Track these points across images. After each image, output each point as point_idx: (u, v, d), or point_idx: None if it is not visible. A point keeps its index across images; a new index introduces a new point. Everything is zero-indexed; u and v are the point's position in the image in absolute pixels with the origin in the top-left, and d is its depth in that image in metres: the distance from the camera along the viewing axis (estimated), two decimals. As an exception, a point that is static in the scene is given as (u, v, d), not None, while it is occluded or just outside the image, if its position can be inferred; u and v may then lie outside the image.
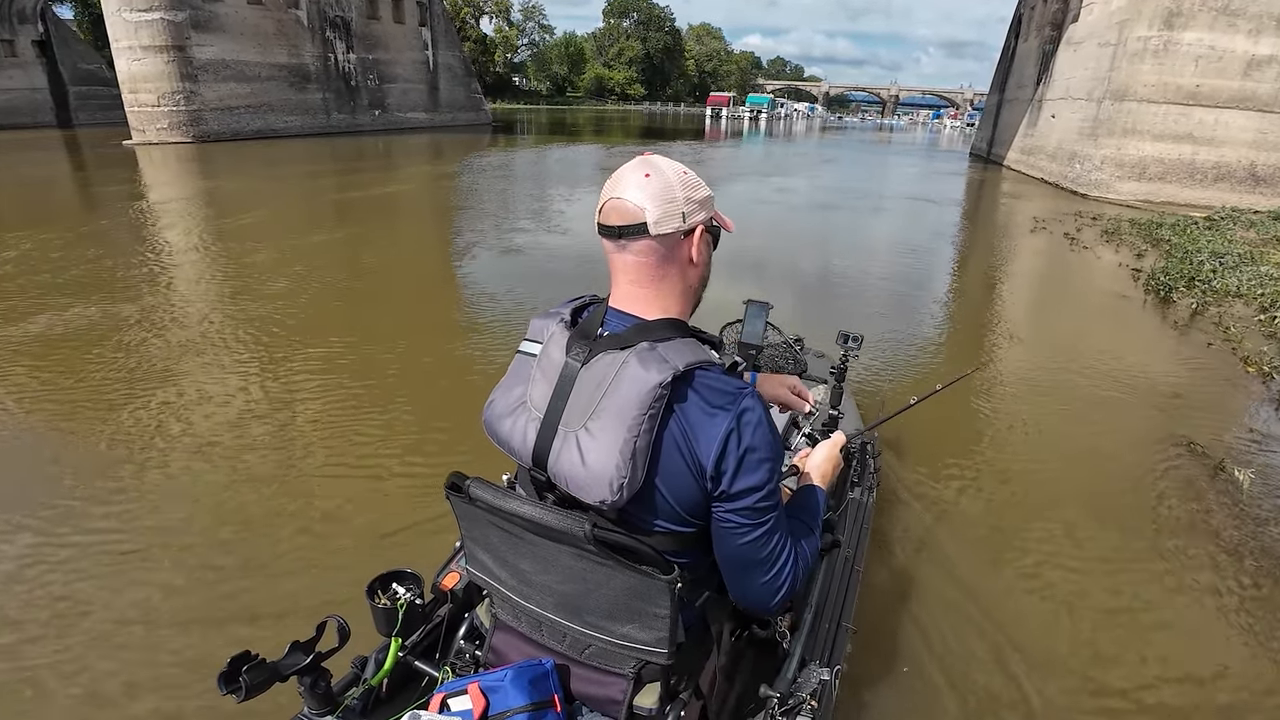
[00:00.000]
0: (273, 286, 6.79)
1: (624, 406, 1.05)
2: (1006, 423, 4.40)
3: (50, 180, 15.96)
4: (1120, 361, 5.46)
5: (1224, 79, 14.81)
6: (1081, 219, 12.78)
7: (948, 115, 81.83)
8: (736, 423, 1.07)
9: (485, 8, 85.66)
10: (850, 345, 2.72)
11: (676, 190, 1.12)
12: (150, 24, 23.04)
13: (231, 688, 1.16)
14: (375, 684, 1.41)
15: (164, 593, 2.64)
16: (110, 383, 4.51)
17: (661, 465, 1.07)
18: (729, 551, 1.15)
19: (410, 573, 1.49)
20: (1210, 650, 2.56)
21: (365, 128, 31.82)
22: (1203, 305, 6.96)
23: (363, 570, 1.57)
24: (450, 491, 1.23)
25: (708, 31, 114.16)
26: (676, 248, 1.15)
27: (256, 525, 3.08)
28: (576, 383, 1.11)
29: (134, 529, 3.01)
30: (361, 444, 3.81)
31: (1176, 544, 3.18)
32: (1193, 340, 6.09)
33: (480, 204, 13.30)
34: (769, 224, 11.90)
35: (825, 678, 1.49)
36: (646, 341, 1.09)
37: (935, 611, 2.66)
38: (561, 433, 1.11)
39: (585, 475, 1.07)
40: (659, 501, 1.10)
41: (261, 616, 2.51)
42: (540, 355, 1.18)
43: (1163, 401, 4.76)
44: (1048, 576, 2.93)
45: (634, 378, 1.05)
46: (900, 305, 7.13)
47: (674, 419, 1.07)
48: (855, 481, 2.56)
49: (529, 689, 1.19)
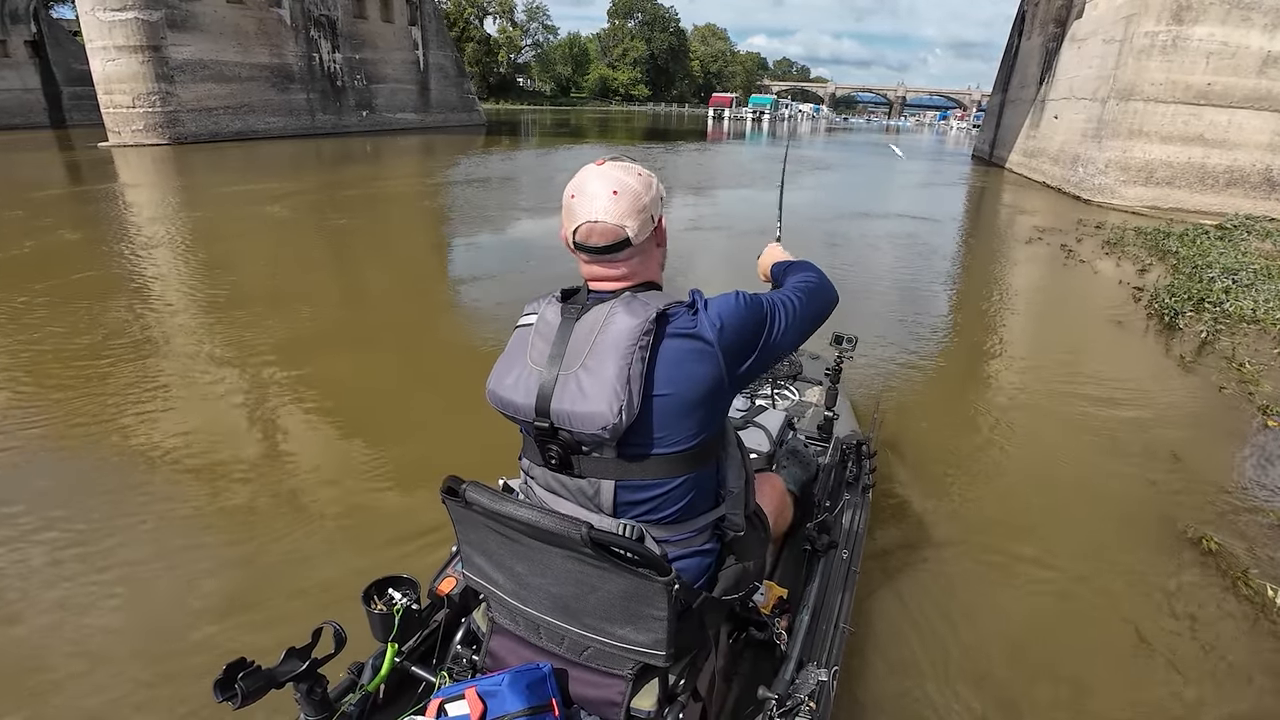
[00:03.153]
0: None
1: (616, 342, 1.16)
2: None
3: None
4: (1111, 412, 4.58)
5: (1238, 77, 13.82)
6: (1083, 228, 11.86)
7: (954, 116, 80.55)
8: (706, 312, 1.23)
9: (489, 8, 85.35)
10: (845, 346, 2.76)
11: (643, 197, 1.24)
12: (124, 24, 22.45)
13: (227, 695, 1.16)
14: (372, 690, 1.40)
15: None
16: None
17: (657, 388, 1.17)
18: (785, 341, 1.32)
19: (406, 578, 1.50)
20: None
21: (352, 129, 31.15)
22: (1213, 334, 6.05)
23: (358, 575, 1.58)
24: (446, 496, 1.24)
25: (713, 32, 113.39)
26: (649, 240, 1.28)
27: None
28: (572, 334, 1.21)
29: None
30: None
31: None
32: (1201, 381, 5.17)
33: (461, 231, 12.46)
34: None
35: (823, 679, 1.50)
36: (628, 293, 1.24)
37: (931, 612, 2.66)
38: (561, 377, 1.18)
39: (586, 406, 1.15)
40: (658, 425, 1.18)
41: (249, 615, 2.51)
42: (537, 320, 1.26)
43: (1161, 472, 3.86)
44: (1041, 582, 2.93)
45: (622, 319, 1.17)
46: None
47: (663, 350, 1.18)
48: (851, 483, 2.52)
49: (527, 693, 1.19)
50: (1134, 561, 3.08)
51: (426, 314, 6.66)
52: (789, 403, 3.21)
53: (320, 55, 29.51)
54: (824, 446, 2.74)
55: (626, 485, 1.23)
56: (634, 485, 1.23)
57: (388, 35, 33.16)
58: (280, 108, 27.91)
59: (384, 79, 33.18)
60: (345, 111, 31.19)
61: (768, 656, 1.62)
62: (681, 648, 1.22)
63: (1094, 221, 12.53)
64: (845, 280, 7.52)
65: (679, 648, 1.20)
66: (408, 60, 34.72)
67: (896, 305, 7.13)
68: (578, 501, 1.28)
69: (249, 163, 19.58)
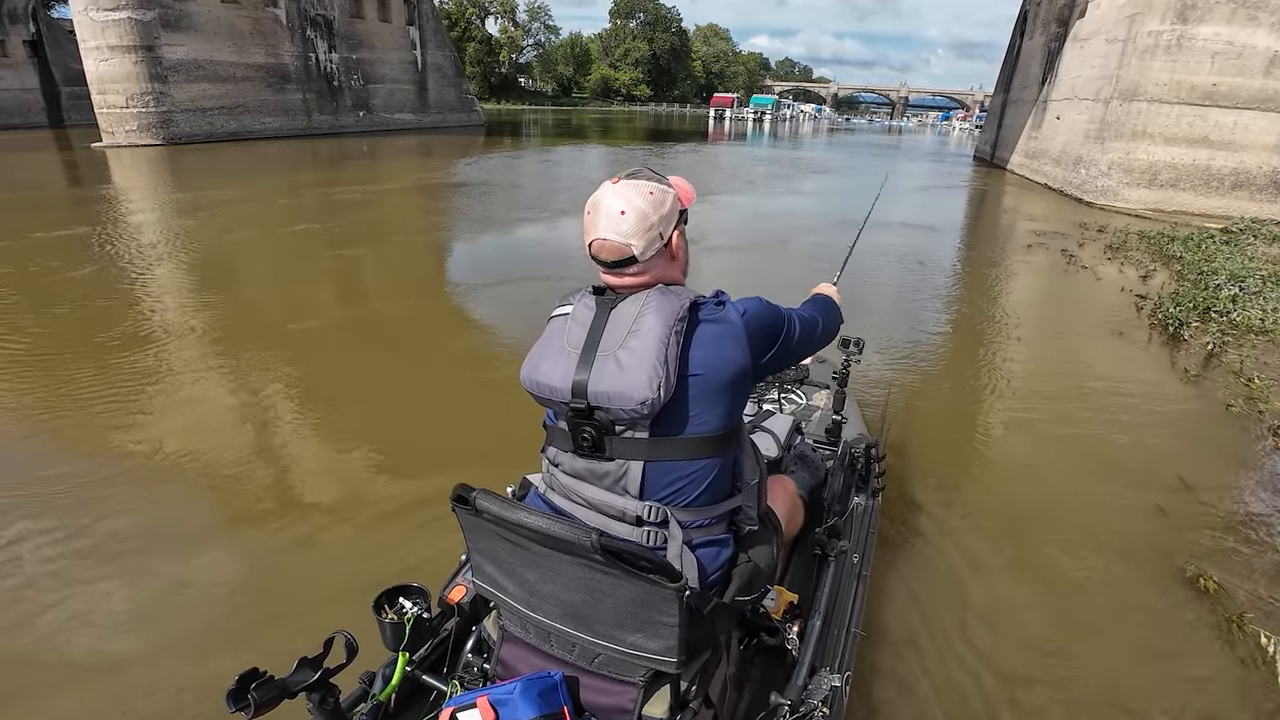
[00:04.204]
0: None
1: (654, 325, 1.23)
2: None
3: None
4: (1112, 434, 4.32)
5: (1244, 77, 13.52)
6: (1085, 231, 11.59)
7: (957, 117, 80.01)
8: (742, 313, 1.33)
9: (491, 8, 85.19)
10: (852, 350, 2.70)
11: (651, 217, 1.30)
12: (117, 23, 22.30)
13: (240, 705, 1.15)
14: (384, 699, 1.39)
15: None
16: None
17: (691, 368, 1.24)
18: (794, 349, 1.44)
19: (417, 587, 1.50)
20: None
21: (349, 129, 30.95)
22: (1220, 346, 5.78)
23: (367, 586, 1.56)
24: (456, 504, 1.25)
25: (715, 32, 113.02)
26: (662, 255, 1.35)
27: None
28: (609, 320, 1.28)
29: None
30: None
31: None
32: (1206, 398, 4.90)
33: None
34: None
35: (836, 684, 1.48)
36: (661, 285, 1.32)
37: (943, 616, 2.65)
38: (599, 359, 1.24)
39: (625, 381, 1.20)
40: (691, 405, 1.25)
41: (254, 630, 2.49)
42: (574, 309, 1.33)
43: (1166, 494, 3.62)
44: (1055, 581, 2.92)
45: (659, 305, 1.25)
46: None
47: (696, 336, 1.26)
48: (861, 486, 2.48)
49: (538, 701, 1.19)
50: (1126, 598, 2.88)
51: (438, 322, 6.43)
52: (796, 407, 3.19)
53: (317, 55, 29.31)
54: (832, 450, 2.68)
55: (655, 466, 1.27)
56: (661, 467, 1.28)
57: (385, 35, 32.94)
58: (276, 108, 27.71)
59: (381, 79, 32.96)
60: (342, 112, 30.99)
61: (779, 662, 1.61)
62: (693, 654, 1.22)
63: (1096, 224, 12.25)
64: (845, 291, 7.30)
65: (690, 654, 1.21)
66: (405, 60, 34.51)
67: (894, 318, 6.86)
68: (605, 485, 1.31)
69: (242, 164, 19.36)
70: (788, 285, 8.47)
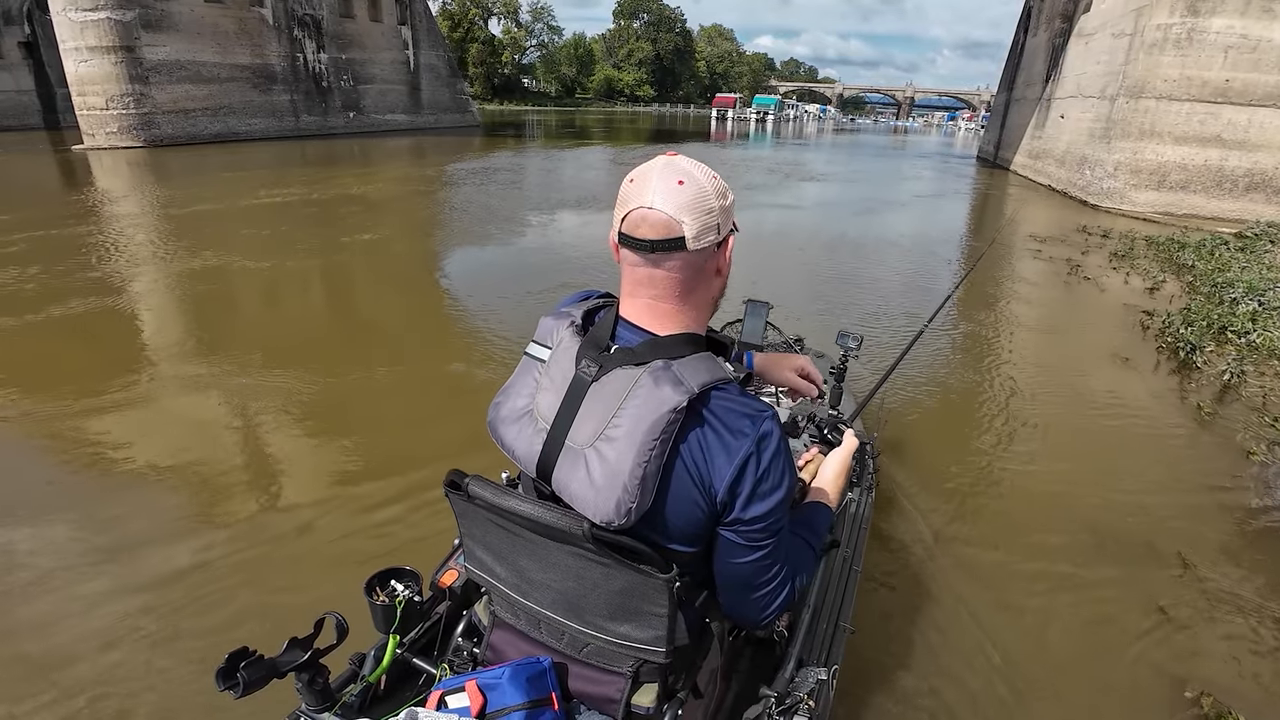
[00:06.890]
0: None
1: (636, 428, 1.01)
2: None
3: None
4: (1107, 491, 3.63)
5: (1259, 73, 12.74)
6: (1089, 238, 10.86)
7: (963, 117, 79.02)
8: (756, 448, 1.04)
9: (493, 9, 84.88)
10: (850, 345, 2.69)
11: (712, 199, 1.06)
12: (96, 24, 21.81)
13: (229, 684, 1.15)
14: (373, 680, 1.40)
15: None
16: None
17: (671, 488, 1.06)
18: (727, 569, 1.14)
19: (409, 570, 1.49)
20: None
21: (339, 130, 30.44)
22: (1238, 375, 5.06)
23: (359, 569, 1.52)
24: (449, 489, 1.22)
25: (719, 33, 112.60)
26: (709, 260, 1.11)
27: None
28: (586, 397, 1.08)
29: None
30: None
31: None
32: (1222, 443, 4.18)
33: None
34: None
35: (823, 677, 1.48)
36: (661, 360, 1.05)
37: (932, 612, 2.67)
38: (569, 449, 1.08)
39: (594, 497, 1.05)
40: (663, 523, 1.09)
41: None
42: (549, 362, 1.14)
43: (1163, 572, 2.92)
44: (1043, 583, 2.91)
45: (648, 399, 1.02)
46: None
47: (687, 442, 1.04)
48: (854, 482, 2.43)
49: (527, 686, 1.18)
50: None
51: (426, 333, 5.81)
52: (793, 402, 3.02)
53: (305, 55, 28.77)
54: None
55: None
56: None
57: (376, 35, 32.40)
58: (262, 109, 27.18)
59: (372, 79, 32.41)
60: (331, 113, 30.44)
61: (768, 655, 1.61)
62: (681, 645, 1.19)
63: (1102, 229, 11.51)
64: (838, 308, 6.69)
65: (679, 645, 1.18)
66: (397, 60, 33.96)
67: (886, 346, 6.17)
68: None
69: (224, 165, 18.76)
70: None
